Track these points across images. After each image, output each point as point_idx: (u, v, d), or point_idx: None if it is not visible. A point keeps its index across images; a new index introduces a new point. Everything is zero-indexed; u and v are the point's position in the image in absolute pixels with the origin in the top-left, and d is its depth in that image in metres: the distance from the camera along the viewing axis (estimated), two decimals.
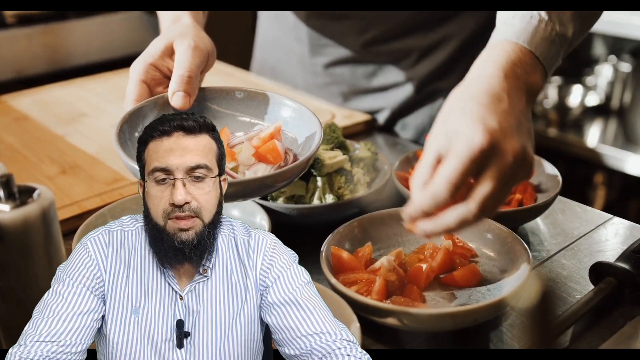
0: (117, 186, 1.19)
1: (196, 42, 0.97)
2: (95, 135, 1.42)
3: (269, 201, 1.05)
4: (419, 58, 1.46)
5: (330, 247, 0.92)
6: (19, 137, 1.41)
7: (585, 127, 2.59)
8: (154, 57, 0.97)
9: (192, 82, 0.96)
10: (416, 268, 0.91)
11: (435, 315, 0.79)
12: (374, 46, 1.44)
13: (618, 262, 0.89)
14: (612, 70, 2.60)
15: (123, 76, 1.79)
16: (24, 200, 0.78)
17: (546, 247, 1.03)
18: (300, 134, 0.98)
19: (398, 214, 1.00)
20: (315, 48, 1.50)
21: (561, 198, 1.15)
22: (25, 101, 1.62)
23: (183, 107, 0.95)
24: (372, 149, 1.18)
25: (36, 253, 0.80)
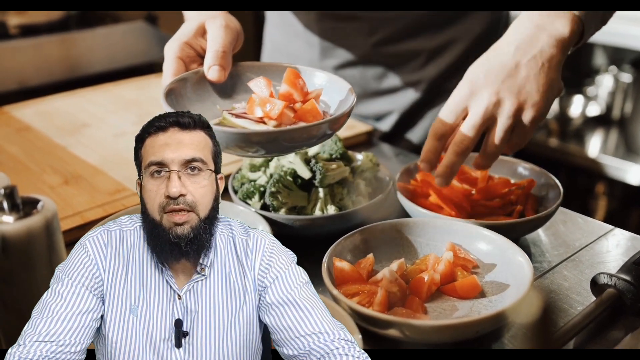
0: (119, 197, 1.19)
1: (227, 21, 1.03)
2: (97, 145, 1.42)
3: (271, 212, 1.05)
4: (427, 60, 1.48)
5: (332, 259, 0.92)
6: (21, 147, 1.41)
7: (587, 137, 2.59)
8: (187, 36, 1.02)
9: (226, 57, 1.01)
10: (418, 279, 0.91)
11: (436, 326, 0.79)
12: (383, 47, 1.46)
13: (619, 274, 0.89)
14: (612, 81, 2.61)
15: (125, 87, 1.80)
16: (27, 212, 0.79)
17: (547, 258, 1.03)
18: (332, 100, 1.02)
19: (400, 225, 1.00)
20: (326, 51, 1.51)
21: (562, 209, 1.15)
22: (27, 112, 1.62)
23: (219, 79, 1.01)
24: (374, 159, 1.18)
25: (39, 264, 0.80)
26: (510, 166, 1.18)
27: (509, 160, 1.18)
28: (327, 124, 0.90)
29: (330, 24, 1.47)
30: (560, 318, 0.89)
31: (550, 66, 0.96)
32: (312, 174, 1.07)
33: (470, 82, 0.97)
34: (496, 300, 0.90)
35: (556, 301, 0.93)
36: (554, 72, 0.96)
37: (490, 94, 0.95)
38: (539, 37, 0.97)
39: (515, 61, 0.96)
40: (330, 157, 1.12)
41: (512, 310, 0.80)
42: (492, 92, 0.95)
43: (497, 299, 0.90)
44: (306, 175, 1.07)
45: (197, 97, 1.01)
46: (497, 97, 0.95)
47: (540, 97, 0.95)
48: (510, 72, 0.95)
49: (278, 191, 1.05)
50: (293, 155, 1.09)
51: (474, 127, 0.95)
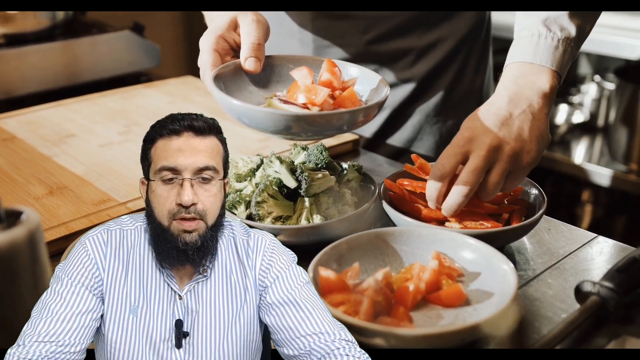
0: (105, 207, 1.18)
1: (257, 16, 1.09)
2: (83, 156, 1.42)
3: (257, 222, 1.05)
4: (417, 58, 1.52)
5: (318, 268, 0.92)
6: (6, 157, 1.41)
7: (572, 145, 2.61)
8: (222, 29, 1.08)
9: (261, 49, 1.08)
10: (403, 288, 0.91)
11: (421, 335, 0.79)
12: (376, 45, 1.49)
13: (603, 281, 0.90)
14: (597, 89, 2.63)
15: (111, 97, 1.79)
16: (10, 223, 0.78)
17: (532, 266, 1.04)
18: (364, 90, 1.11)
19: (385, 234, 1.01)
20: (320, 49, 1.53)
21: (547, 217, 1.16)
22: (13, 122, 1.62)
23: (255, 70, 1.07)
24: (359, 169, 1.19)
25: (22, 276, 0.80)
26: None
27: None
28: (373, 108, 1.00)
29: (324, 23, 1.50)
30: (544, 325, 0.90)
31: (540, 118, 1.02)
32: (298, 183, 1.07)
33: (469, 129, 1.01)
34: (481, 309, 0.90)
35: (540, 309, 0.94)
36: (543, 124, 1.03)
37: (491, 139, 0.99)
38: (526, 94, 1.03)
39: (509, 112, 1.01)
40: (316, 167, 1.13)
41: (496, 319, 0.81)
42: (492, 137, 0.99)
43: (482, 307, 0.90)
44: (292, 185, 1.07)
45: (236, 86, 1.08)
46: (497, 141, 0.99)
47: (533, 144, 1.01)
48: (505, 121, 1.00)
49: (264, 200, 1.05)
50: (279, 164, 1.09)
51: (477, 168, 0.99)
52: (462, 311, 0.90)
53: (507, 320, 0.83)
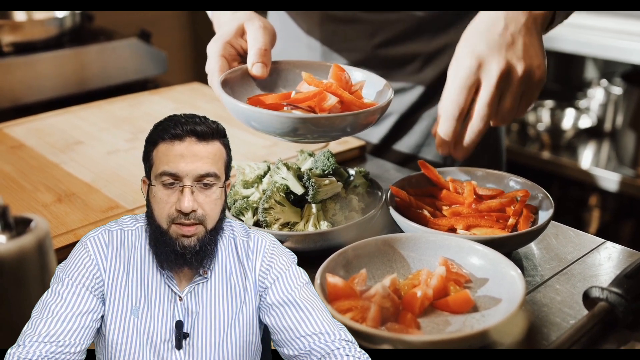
0: (112, 214, 1.19)
1: (264, 23, 1.11)
2: (90, 163, 1.42)
3: (264, 228, 1.05)
4: (425, 63, 1.52)
5: (325, 274, 0.92)
6: (14, 165, 1.41)
7: (579, 150, 2.61)
8: (229, 36, 1.09)
9: (267, 55, 1.09)
10: (411, 294, 0.91)
11: (429, 342, 0.79)
12: (383, 49, 1.49)
13: (611, 287, 0.89)
14: (604, 94, 2.63)
15: (118, 104, 1.80)
16: (20, 231, 0.79)
17: (540, 272, 1.04)
18: (370, 94, 1.12)
19: (392, 240, 1.01)
20: (327, 54, 1.54)
21: (554, 222, 1.16)
22: (21, 130, 1.63)
23: (262, 75, 1.08)
24: (366, 175, 1.19)
25: (31, 283, 0.80)
26: (502, 180, 1.18)
27: (501, 174, 1.19)
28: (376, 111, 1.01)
29: (332, 27, 1.50)
30: (553, 332, 0.89)
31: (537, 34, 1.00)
32: (305, 189, 1.07)
33: (472, 56, 0.98)
34: (489, 315, 0.90)
35: (548, 315, 0.93)
36: (539, 41, 1.01)
37: (500, 64, 0.96)
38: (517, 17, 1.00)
39: (511, 32, 0.98)
40: (323, 173, 1.13)
41: (504, 325, 0.80)
42: (500, 61, 0.96)
43: (489, 313, 0.90)
44: (299, 191, 1.07)
45: (243, 91, 1.10)
46: (506, 65, 0.96)
47: (540, 59, 0.99)
48: (510, 41, 0.98)
49: (271, 207, 1.05)
50: (286, 171, 1.09)
51: (491, 99, 0.96)
52: (469, 317, 0.90)
53: (515, 327, 0.83)
